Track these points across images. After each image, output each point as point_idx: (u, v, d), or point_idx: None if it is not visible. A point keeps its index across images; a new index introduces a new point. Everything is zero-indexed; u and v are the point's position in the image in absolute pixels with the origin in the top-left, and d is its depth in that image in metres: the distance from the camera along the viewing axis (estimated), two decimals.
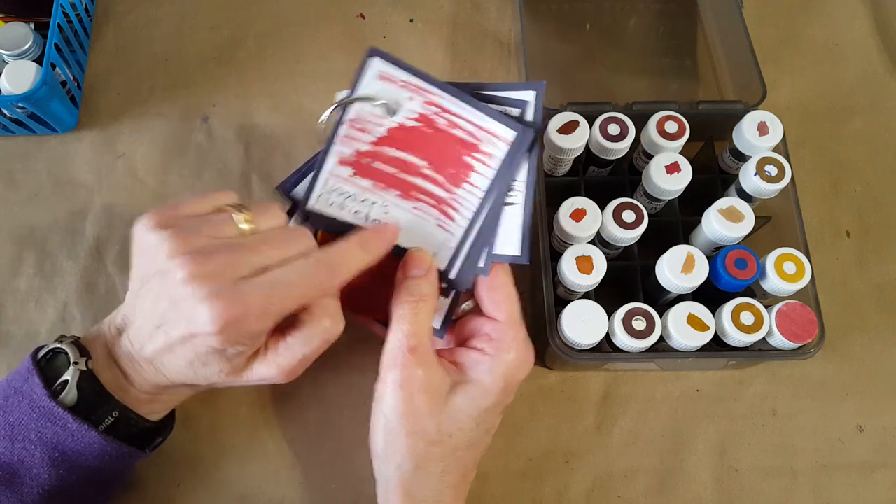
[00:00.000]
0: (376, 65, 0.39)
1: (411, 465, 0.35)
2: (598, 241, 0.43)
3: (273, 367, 0.34)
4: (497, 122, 0.38)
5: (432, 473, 0.36)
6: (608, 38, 0.58)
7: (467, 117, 0.38)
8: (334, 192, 0.39)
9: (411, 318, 0.36)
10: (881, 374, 0.48)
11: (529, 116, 0.38)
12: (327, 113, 0.38)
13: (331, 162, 0.38)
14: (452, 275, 0.38)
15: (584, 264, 0.40)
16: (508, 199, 0.38)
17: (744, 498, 0.45)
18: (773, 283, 0.40)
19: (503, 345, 0.37)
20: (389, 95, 0.39)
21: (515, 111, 0.39)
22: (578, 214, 0.41)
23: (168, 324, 0.32)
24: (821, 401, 0.47)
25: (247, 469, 0.45)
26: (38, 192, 0.51)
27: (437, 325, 0.38)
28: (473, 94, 0.39)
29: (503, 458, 0.45)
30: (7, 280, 0.49)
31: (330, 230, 0.39)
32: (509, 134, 0.38)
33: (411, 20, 0.58)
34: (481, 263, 0.38)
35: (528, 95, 0.38)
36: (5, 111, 0.49)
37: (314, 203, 0.39)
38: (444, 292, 0.38)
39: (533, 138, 0.38)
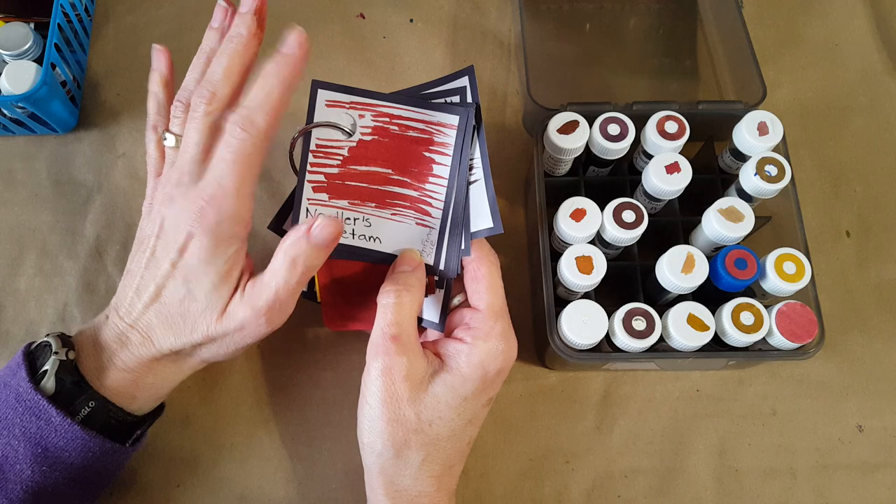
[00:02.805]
0: (322, 95, 0.41)
1: (392, 453, 0.36)
2: (598, 241, 0.43)
3: (248, 307, 0.35)
4: (441, 112, 0.40)
5: (412, 461, 0.36)
6: (608, 38, 0.58)
7: (415, 117, 0.41)
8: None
9: (394, 308, 0.36)
10: (881, 374, 0.48)
11: (469, 99, 0.40)
12: (294, 143, 0.41)
13: (307, 191, 0.41)
14: (441, 265, 0.39)
15: (584, 264, 0.40)
16: (471, 178, 0.40)
17: (744, 498, 0.45)
18: (773, 283, 0.40)
19: (481, 333, 0.37)
20: (342, 119, 0.41)
21: (457, 99, 0.41)
22: (578, 214, 0.41)
23: (155, 259, 0.35)
24: (821, 401, 0.47)
25: (246, 469, 0.45)
26: (38, 192, 0.51)
27: (436, 318, 0.40)
28: (415, 95, 0.41)
29: (503, 458, 0.45)
30: (7, 280, 0.49)
31: None
32: (454, 119, 0.40)
33: (411, 20, 0.58)
34: (463, 245, 0.39)
35: (463, 81, 0.41)
36: (5, 111, 0.49)
37: None
38: (438, 283, 0.40)
39: (475, 115, 0.40)
